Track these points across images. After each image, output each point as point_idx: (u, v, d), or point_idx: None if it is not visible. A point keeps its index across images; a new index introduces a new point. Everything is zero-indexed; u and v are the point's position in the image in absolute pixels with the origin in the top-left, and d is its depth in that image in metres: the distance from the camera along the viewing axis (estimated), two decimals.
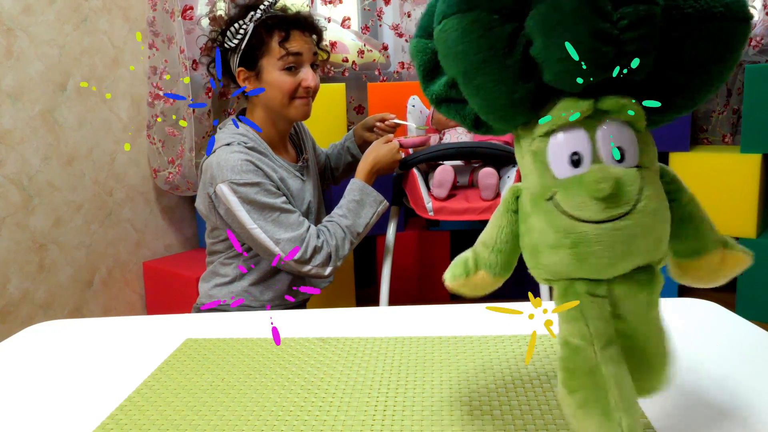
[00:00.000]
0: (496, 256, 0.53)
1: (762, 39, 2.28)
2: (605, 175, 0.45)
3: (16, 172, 2.04)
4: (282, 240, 1.35)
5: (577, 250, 0.46)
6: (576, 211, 0.46)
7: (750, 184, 2.09)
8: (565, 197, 0.46)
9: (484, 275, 0.54)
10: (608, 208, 0.45)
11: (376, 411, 0.62)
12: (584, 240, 0.46)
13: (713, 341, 0.76)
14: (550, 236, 0.47)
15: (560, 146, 0.47)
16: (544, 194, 0.48)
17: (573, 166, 0.47)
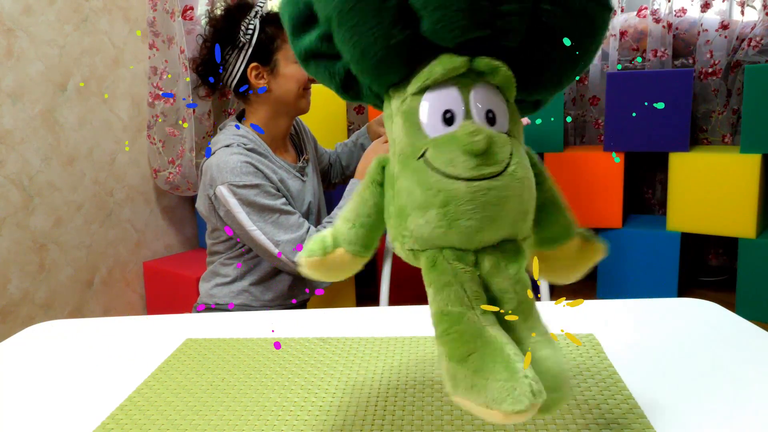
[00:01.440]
0: (356, 232, 0.51)
1: (762, 39, 2.28)
2: (478, 130, 0.44)
3: (16, 172, 2.05)
4: (281, 241, 1.35)
5: (446, 209, 0.44)
6: (448, 168, 0.44)
7: (750, 184, 2.09)
8: (436, 154, 0.45)
9: (343, 253, 0.51)
10: (480, 165, 0.44)
11: (376, 411, 0.62)
12: (455, 198, 0.44)
13: (713, 341, 0.76)
14: (418, 195, 0.45)
15: (433, 103, 0.46)
16: (414, 154, 0.46)
17: (446, 124, 0.46)
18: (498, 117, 0.46)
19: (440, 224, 0.45)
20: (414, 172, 0.46)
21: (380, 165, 0.50)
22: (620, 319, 0.84)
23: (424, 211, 0.45)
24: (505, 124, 0.46)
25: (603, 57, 2.50)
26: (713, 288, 2.49)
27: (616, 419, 0.58)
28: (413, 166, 0.46)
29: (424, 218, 0.45)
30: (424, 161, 0.45)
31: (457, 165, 0.44)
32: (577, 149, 2.45)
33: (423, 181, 0.45)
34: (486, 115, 0.46)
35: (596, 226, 2.38)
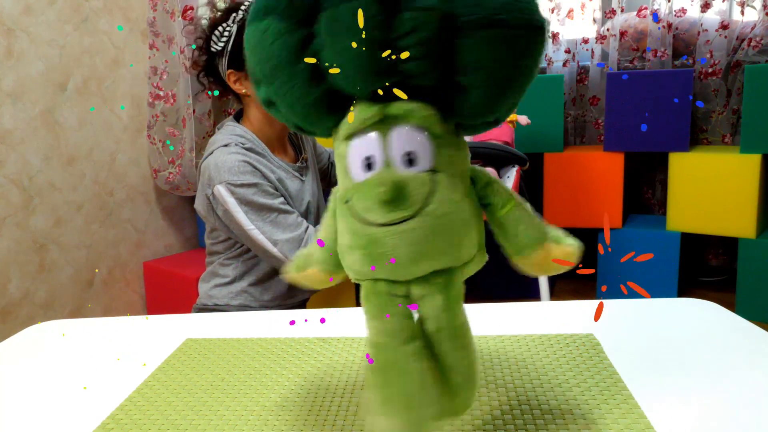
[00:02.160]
0: (325, 254, 0.54)
1: (762, 39, 2.28)
2: (384, 180, 0.46)
3: (16, 173, 2.05)
4: (280, 241, 1.35)
5: (368, 251, 0.48)
6: (365, 214, 0.47)
7: (750, 184, 2.09)
8: (357, 200, 0.48)
9: (316, 272, 0.56)
10: (390, 211, 0.46)
11: None
12: (373, 242, 0.47)
13: (713, 341, 0.76)
14: (347, 238, 0.49)
15: (355, 150, 0.49)
16: (344, 197, 0.50)
17: (366, 169, 0.48)
18: (418, 157, 0.47)
19: (365, 262, 0.48)
20: (343, 216, 0.50)
21: (334, 194, 0.53)
22: (620, 319, 0.84)
23: (352, 251, 0.49)
24: (428, 163, 0.48)
25: (603, 57, 2.50)
26: (713, 288, 2.49)
27: (616, 419, 0.58)
28: (343, 210, 0.50)
29: (353, 257, 0.49)
30: (349, 206, 0.49)
31: (372, 212, 0.47)
32: (577, 149, 2.45)
33: (349, 225, 0.49)
34: (405, 158, 0.47)
35: (596, 226, 2.38)
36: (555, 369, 0.68)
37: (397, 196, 0.46)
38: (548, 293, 1.72)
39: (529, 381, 0.66)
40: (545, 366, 0.69)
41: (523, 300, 0.96)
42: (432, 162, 0.48)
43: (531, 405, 0.61)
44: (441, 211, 0.47)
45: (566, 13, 2.50)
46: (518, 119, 1.72)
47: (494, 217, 0.53)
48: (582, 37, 2.50)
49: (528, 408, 0.61)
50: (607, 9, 2.45)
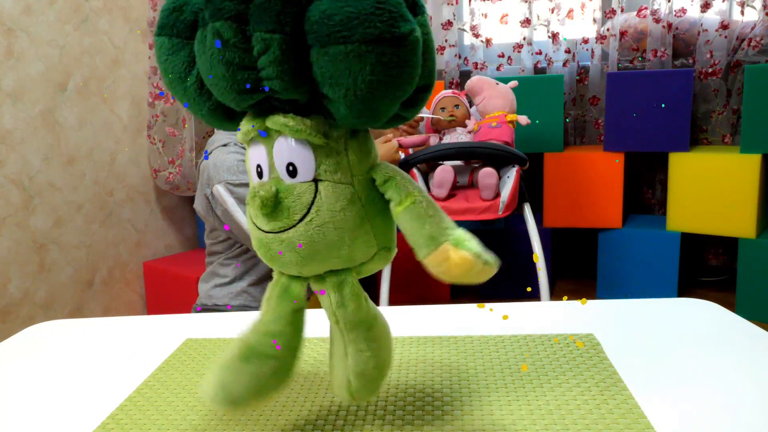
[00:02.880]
0: None
1: (762, 39, 2.28)
2: (261, 194, 0.48)
3: (16, 173, 2.05)
4: None
5: (261, 252, 0.52)
6: (254, 219, 0.51)
7: (750, 184, 2.09)
8: (248, 205, 0.51)
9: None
10: (270, 221, 0.49)
11: (376, 411, 0.62)
12: (263, 245, 0.51)
13: (713, 341, 0.76)
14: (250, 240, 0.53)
15: (250, 159, 0.51)
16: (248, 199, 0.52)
17: (258, 177, 0.51)
18: (299, 168, 0.49)
19: (266, 261, 0.52)
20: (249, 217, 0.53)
21: None
22: (620, 319, 0.84)
23: (258, 250, 0.53)
24: (310, 173, 0.49)
25: (603, 57, 2.50)
26: (713, 288, 2.49)
27: (616, 419, 0.58)
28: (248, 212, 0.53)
29: (260, 255, 0.53)
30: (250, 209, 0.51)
31: (257, 219, 0.51)
32: (577, 149, 2.45)
33: (251, 226, 0.52)
34: (287, 168, 0.49)
35: (596, 226, 2.38)
36: (555, 369, 0.68)
37: (272, 209, 0.48)
38: (548, 293, 1.72)
39: (529, 381, 0.66)
40: (545, 366, 0.69)
41: (523, 300, 0.95)
42: (314, 172, 0.49)
43: (531, 405, 0.61)
44: (320, 221, 0.49)
45: (566, 13, 2.50)
46: (518, 119, 1.72)
47: (393, 213, 0.52)
48: (582, 37, 2.50)
49: (528, 409, 0.61)
50: (607, 9, 2.45)
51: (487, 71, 2.54)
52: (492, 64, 2.56)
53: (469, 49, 2.57)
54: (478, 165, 1.71)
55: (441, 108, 1.82)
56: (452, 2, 2.51)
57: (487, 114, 1.75)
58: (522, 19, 2.50)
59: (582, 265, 2.63)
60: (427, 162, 1.69)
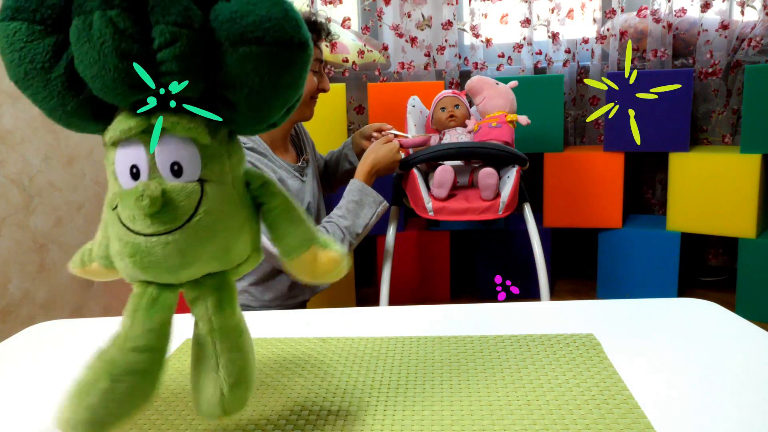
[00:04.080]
0: (104, 250, 0.54)
1: (762, 39, 2.28)
2: (149, 191, 0.46)
3: (16, 173, 2.05)
4: None
5: (134, 259, 0.48)
6: (129, 223, 0.48)
7: (750, 184, 2.09)
8: (122, 208, 0.48)
9: (98, 267, 0.56)
10: (155, 223, 0.47)
11: (376, 411, 0.62)
12: (139, 251, 0.48)
13: (713, 341, 0.76)
14: (115, 243, 0.50)
15: (121, 158, 0.48)
16: (112, 203, 0.50)
17: (133, 178, 0.48)
18: (185, 168, 0.48)
19: (134, 269, 0.49)
20: (111, 221, 0.50)
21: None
22: (620, 319, 0.84)
23: (120, 257, 0.50)
24: (196, 173, 0.48)
25: (603, 57, 2.50)
26: (713, 288, 2.49)
27: (616, 419, 0.58)
28: (111, 215, 0.50)
29: (122, 263, 0.50)
30: (117, 213, 0.49)
31: (135, 222, 0.47)
32: (577, 149, 2.45)
33: (116, 231, 0.49)
34: (171, 168, 0.48)
35: (596, 226, 2.38)
36: (555, 369, 0.68)
37: (161, 210, 0.46)
38: (548, 293, 1.72)
39: (529, 381, 0.66)
40: (545, 366, 0.69)
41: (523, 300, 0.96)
42: (199, 172, 0.48)
43: (531, 405, 0.61)
44: (208, 221, 0.48)
45: (566, 13, 2.50)
46: (518, 119, 1.72)
47: (265, 217, 0.54)
48: (582, 37, 2.51)
49: (528, 408, 0.61)
50: (607, 9, 2.45)
51: (487, 71, 2.54)
52: (492, 64, 2.56)
53: (469, 49, 2.57)
54: (478, 165, 1.71)
55: (441, 108, 1.82)
56: (452, 2, 2.51)
57: (487, 114, 1.75)
58: (522, 19, 2.50)
59: (582, 265, 2.63)
60: (427, 162, 1.69)
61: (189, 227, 0.47)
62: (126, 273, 0.51)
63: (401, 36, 2.55)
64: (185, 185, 0.48)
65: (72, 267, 0.59)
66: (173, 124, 0.47)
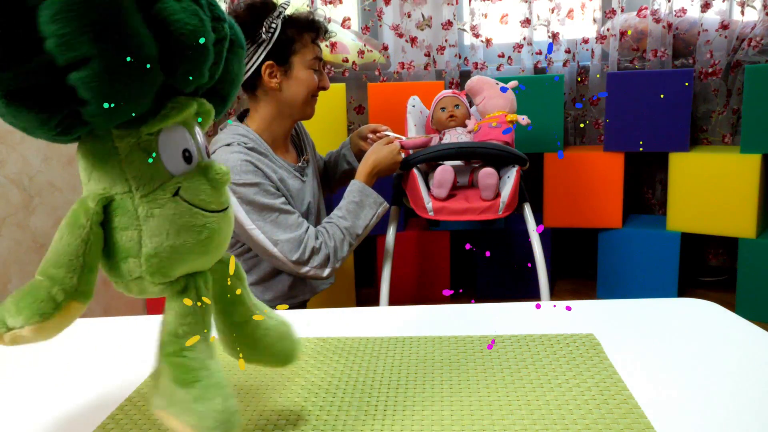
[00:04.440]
0: (87, 278, 0.49)
1: (762, 39, 2.28)
2: (220, 170, 0.50)
3: (16, 173, 2.05)
4: (280, 241, 1.35)
5: (211, 242, 0.50)
6: (204, 204, 0.49)
7: (750, 184, 2.09)
8: (192, 192, 0.49)
9: (77, 305, 0.50)
10: (225, 199, 0.51)
11: (377, 411, 0.62)
12: (216, 231, 0.50)
13: (713, 341, 0.76)
14: (176, 230, 0.48)
15: (170, 145, 0.49)
16: (165, 191, 0.48)
17: (186, 162, 0.50)
18: (210, 152, 0.53)
19: (198, 255, 0.49)
20: (172, 210, 0.48)
21: (100, 204, 0.49)
22: (620, 319, 0.84)
23: (182, 242, 0.48)
24: (208, 155, 0.54)
25: (603, 57, 2.50)
26: (713, 288, 2.49)
27: (616, 419, 0.58)
28: (169, 205, 0.48)
29: (181, 249, 0.49)
30: (182, 199, 0.49)
31: (212, 201, 0.49)
32: (577, 149, 2.45)
33: (183, 221, 0.48)
34: (206, 152, 0.53)
35: (596, 226, 2.38)
36: (555, 369, 0.68)
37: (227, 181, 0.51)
38: (548, 293, 1.72)
39: (529, 381, 0.66)
40: (545, 366, 0.69)
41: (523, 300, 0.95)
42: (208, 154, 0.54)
43: (531, 405, 0.61)
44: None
45: (566, 13, 2.50)
46: (518, 119, 1.72)
47: None
48: (582, 37, 2.50)
49: (529, 409, 0.61)
50: (607, 9, 2.45)
51: (487, 71, 2.54)
52: (492, 64, 2.56)
53: (469, 49, 2.57)
54: (478, 165, 1.71)
55: (441, 108, 1.82)
56: (452, 2, 2.51)
57: (487, 114, 1.75)
58: (522, 19, 2.50)
59: (582, 265, 2.63)
60: (427, 162, 1.68)
61: (229, 206, 0.53)
62: (172, 264, 0.49)
63: (401, 36, 2.55)
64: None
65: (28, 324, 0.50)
66: (209, 111, 0.52)
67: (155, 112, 0.48)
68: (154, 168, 0.48)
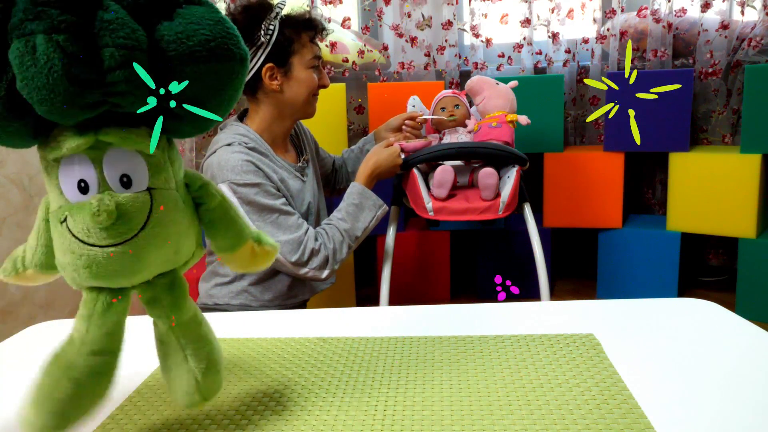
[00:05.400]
0: (40, 257, 0.55)
1: (762, 39, 2.28)
2: (103, 208, 0.48)
3: (16, 172, 2.05)
4: (280, 242, 1.35)
5: (91, 270, 0.50)
6: (83, 236, 0.49)
7: (750, 184, 2.09)
8: (73, 222, 0.49)
9: (33, 272, 0.56)
10: (111, 235, 0.49)
11: (376, 411, 0.62)
12: (95, 261, 0.50)
13: (713, 341, 0.76)
14: (64, 255, 0.51)
15: (68, 174, 0.50)
16: (59, 216, 0.50)
17: (81, 192, 0.50)
18: (134, 179, 0.50)
19: (89, 277, 0.51)
20: (59, 234, 0.51)
21: (47, 205, 0.54)
22: (620, 319, 0.84)
23: (74, 267, 0.50)
24: (144, 182, 0.51)
25: (603, 57, 2.50)
26: (713, 288, 2.49)
27: (616, 419, 0.58)
28: (59, 229, 0.51)
29: (75, 273, 0.51)
30: (66, 227, 0.50)
31: (90, 236, 0.49)
32: (577, 149, 2.45)
33: (66, 245, 0.50)
34: (120, 180, 0.50)
35: (596, 226, 2.38)
36: (555, 369, 0.68)
37: (116, 221, 0.49)
38: (548, 293, 1.72)
39: (529, 381, 0.66)
40: (545, 366, 0.69)
41: (523, 300, 0.95)
42: (147, 182, 0.51)
43: (531, 405, 0.61)
44: (159, 228, 0.51)
45: (566, 13, 2.50)
46: (518, 119, 1.71)
47: (204, 216, 0.57)
48: (582, 37, 2.50)
49: (529, 409, 0.61)
50: (607, 9, 2.45)
51: (487, 71, 2.54)
52: (492, 64, 2.56)
53: (469, 49, 2.57)
54: (478, 165, 1.71)
55: (441, 108, 1.82)
56: (452, 2, 2.51)
57: (487, 114, 1.75)
58: (522, 19, 2.50)
59: (582, 265, 2.63)
60: (427, 162, 1.68)
61: (142, 235, 0.50)
62: (77, 281, 0.52)
63: (401, 36, 2.55)
64: (136, 195, 0.50)
65: (3, 275, 0.58)
66: (122, 139, 0.49)
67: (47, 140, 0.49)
68: (56, 191, 0.51)
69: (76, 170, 0.49)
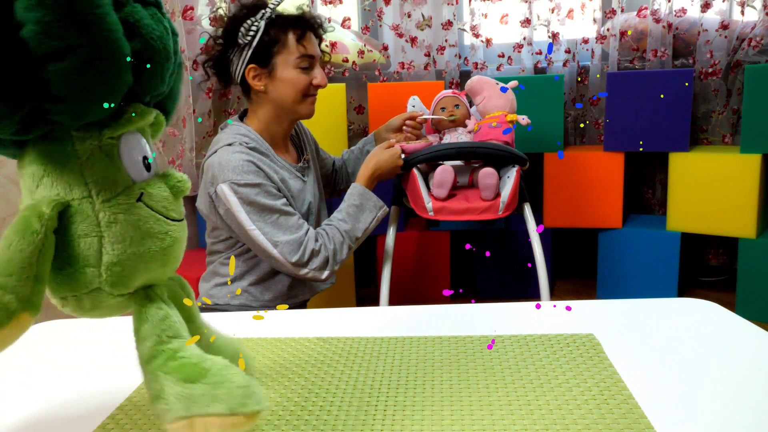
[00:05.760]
0: (38, 289, 0.47)
1: (762, 39, 2.28)
2: (179, 177, 0.50)
3: (16, 173, 2.05)
4: (280, 242, 1.35)
5: (167, 249, 0.49)
6: (166, 211, 0.49)
7: (750, 184, 2.09)
8: (155, 198, 0.48)
9: (28, 317, 0.48)
10: (181, 208, 0.50)
11: (377, 411, 0.62)
12: (174, 238, 0.49)
13: (713, 341, 0.76)
14: (140, 236, 0.47)
15: (132, 149, 0.48)
16: (129, 196, 0.48)
17: (147, 169, 0.50)
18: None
19: (164, 265, 0.49)
20: (130, 213, 0.47)
21: (56, 210, 0.47)
22: (620, 319, 0.84)
23: (145, 249, 0.47)
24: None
25: (603, 57, 2.50)
26: (713, 288, 2.49)
27: (616, 419, 0.58)
28: (128, 207, 0.47)
29: (145, 256, 0.48)
30: (145, 204, 0.48)
31: (171, 209, 0.49)
32: (577, 149, 2.45)
33: (144, 222, 0.47)
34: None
35: (596, 226, 2.38)
36: (555, 369, 0.68)
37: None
38: (548, 293, 1.72)
39: (529, 381, 0.66)
40: (545, 366, 0.69)
41: (523, 300, 0.95)
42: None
43: (531, 405, 0.61)
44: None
45: (566, 13, 2.50)
46: (518, 119, 1.72)
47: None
48: (582, 37, 2.50)
49: (529, 409, 0.61)
50: (607, 9, 2.45)
51: (487, 71, 2.54)
52: (492, 64, 2.56)
53: (469, 49, 2.57)
54: (478, 165, 1.71)
55: (441, 108, 1.82)
56: (452, 2, 2.51)
57: (487, 114, 1.75)
58: (522, 19, 2.50)
59: (582, 265, 2.63)
60: (427, 162, 1.69)
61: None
62: (133, 273, 0.48)
63: (401, 36, 2.55)
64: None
65: None
66: (162, 121, 0.52)
67: (114, 117, 0.47)
68: (117, 173, 0.48)
69: (138, 147, 0.49)
